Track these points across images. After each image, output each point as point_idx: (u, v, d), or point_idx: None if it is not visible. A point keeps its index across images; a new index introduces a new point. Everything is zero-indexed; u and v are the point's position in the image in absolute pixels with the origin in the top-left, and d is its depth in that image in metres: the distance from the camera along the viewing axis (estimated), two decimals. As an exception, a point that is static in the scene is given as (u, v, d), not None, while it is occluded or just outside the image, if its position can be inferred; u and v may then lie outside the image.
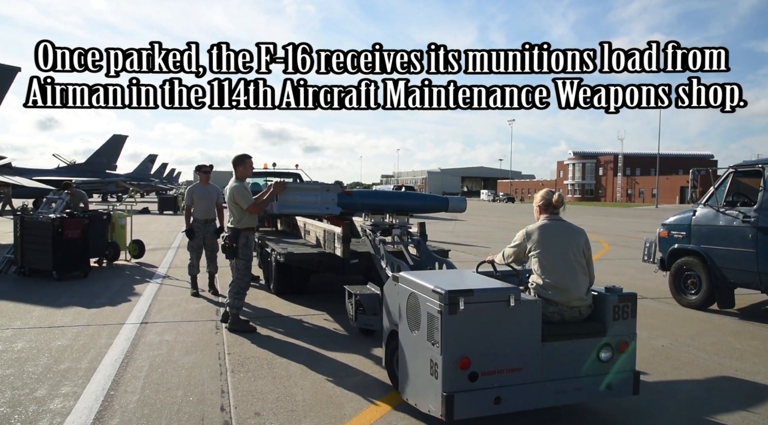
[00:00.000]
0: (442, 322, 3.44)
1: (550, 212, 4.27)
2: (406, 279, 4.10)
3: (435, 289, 3.56)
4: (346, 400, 4.35)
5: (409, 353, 3.97)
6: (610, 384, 3.87)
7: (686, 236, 8.29)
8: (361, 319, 5.64)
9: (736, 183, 8.02)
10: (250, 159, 6.58)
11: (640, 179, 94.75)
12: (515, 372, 3.59)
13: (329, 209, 6.39)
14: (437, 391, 3.48)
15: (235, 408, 4.15)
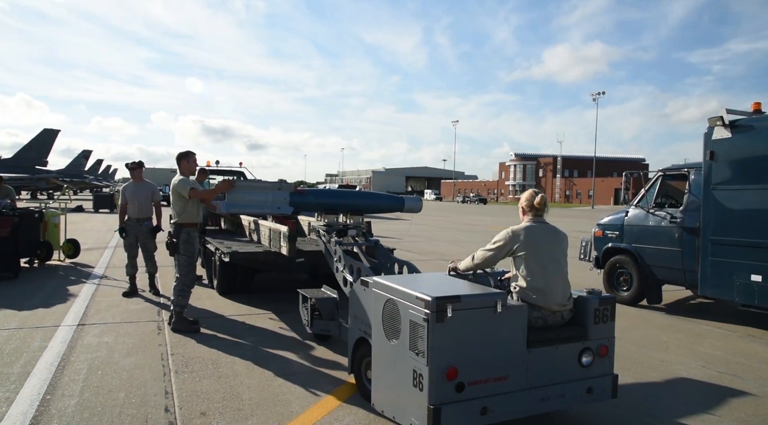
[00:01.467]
0: (429, 331, 3.24)
1: (533, 214, 4.13)
2: (381, 285, 3.87)
3: (420, 296, 3.36)
4: (293, 397, 4.37)
5: (384, 362, 3.77)
6: (591, 388, 3.82)
7: (619, 236, 8.72)
8: (318, 324, 5.52)
9: (665, 186, 8.51)
10: (193, 155, 6.50)
11: (577, 180, 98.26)
12: (501, 381, 3.46)
13: (281, 208, 6.06)
14: (422, 404, 3.28)
15: (180, 408, 4.10)
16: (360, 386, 4.36)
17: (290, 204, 6.03)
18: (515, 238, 3.95)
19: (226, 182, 6.22)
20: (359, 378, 4.36)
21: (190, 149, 6.48)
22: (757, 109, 6.97)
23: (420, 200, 6.99)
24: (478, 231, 23.43)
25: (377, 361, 3.89)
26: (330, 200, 6.37)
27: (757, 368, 5.49)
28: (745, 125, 6.70)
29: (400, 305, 3.58)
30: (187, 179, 6.34)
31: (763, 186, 6.48)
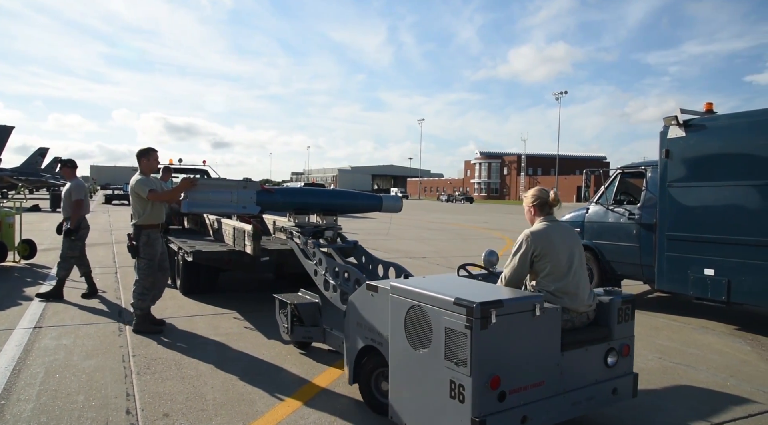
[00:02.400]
0: (472, 339, 3.01)
1: (546, 213, 3.92)
2: (403, 290, 3.57)
3: (459, 301, 3.11)
4: (258, 397, 4.34)
5: (408, 374, 3.50)
6: (616, 388, 3.79)
7: (580, 232, 8.91)
8: (299, 331, 5.22)
9: (624, 183, 8.75)
10: (155, 152, 6.29)
11: (541, 178, 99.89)
12: (538, 387, 3.31)
13: (246, 207, 5.72)
14: (464, 416, 3.07)
15: (142, 410, 4.03)
16: (368, 398, 4.09)
17: (257, 203, 5.70)
18: (537, 240, 3.72)
19: (187, 180, 5.84)
20: (367, 390, 4.10)
21: (151, 146, 6.29)
22: (709, 109, 7.22)
23: (400, 198, 6.61)
24: (444, 229, 23.62)
25: (398, 373, 3.59)
26: (301, 199, 5.96)
27: (709, 358, 5.70)
28: (698, 125, 6.94)
29: (430, 311, 3.30)
30: (146, 178, 6.12)
31: (715, 183, 6.72)
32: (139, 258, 6.10)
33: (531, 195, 3.99)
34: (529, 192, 4.04)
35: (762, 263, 6.28)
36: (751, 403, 4.49)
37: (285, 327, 5.36)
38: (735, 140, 6.60)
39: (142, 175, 6.15)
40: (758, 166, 6.33)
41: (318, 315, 5.28)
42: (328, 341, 5.15)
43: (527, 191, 4.11)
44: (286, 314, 5.30)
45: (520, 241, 3.76)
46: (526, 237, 3.74)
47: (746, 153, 6.47)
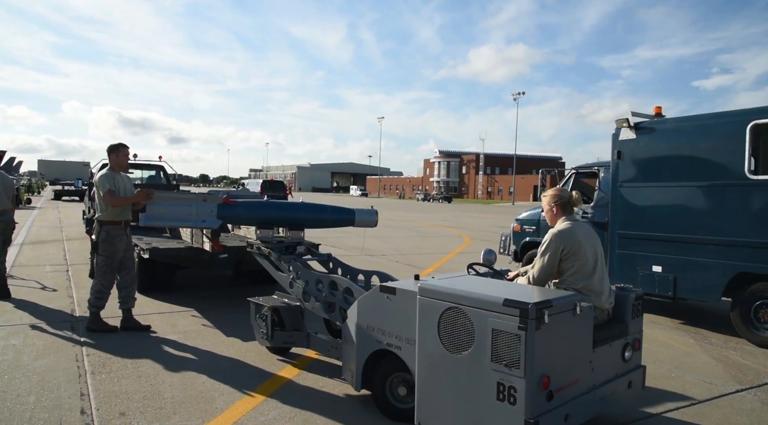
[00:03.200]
0: (526, 340, 2.97)
1: (568, 212, 3.98)
2: (434, 291, 3.45)
3: (510, 302, 3.05)
4: (218, 394, 4.32)
5: (442, 378, 3.40)
6: (631, 382, 3.89)
7: (536, 230, 9.16)
8: (280, 336, 5.03)
9: (578, 183, 9.02)
10: (125, 148, 6.12)
11: (499, 177, 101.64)
12: (575, 385, 3.34)
13: (206, 221, 5.49)
14: (515, 418, 3.03)
15: (98, 410, 3.96)
16: (382, 404, 4.00)
17: (218, 217, 5.50)
18: (565, 239, 3.75)
19: (143, 192, 5.63)
20: (381, 396, 4.00)
21: (122, 142, 6.12)
22: (659, 112, 7.52)
23: (375, 212, 5.95)
24: (403, 227, 23.78)
25: (428, 377, 3.48)
26: (265, 212, 5.65)
27: (655, 351, 5.95)
28: (648, 127, 7.22)
29: (472, 313, 3.20)
30: (111, 175, 5.93)
31: (663, 184, 7.01)
32: (97, 255, 5.96)
33: (552, 195, 4.02)
34: (549, 192, 4.06)
35: (705, 260, 6.59)
36: (693, 393, 4.73)
37: (263, 332, 5.12)
38: (681, 143, 6.90)
39: (110, 170, 6.00)
40: (702, 168, 6.63)
41: (301, 319, 5.09)
42: (312, 345, 4.98)
43: (546, 190, 4.13)
44: (265, 318, 5.08)
45: (548, 241, 3.78)
46: (555, 237, 3.77)
47: (691, 155, 6.77)
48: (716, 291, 6.54)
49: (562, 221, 3.92)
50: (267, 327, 5.05)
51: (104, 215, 5.91)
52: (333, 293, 4.74)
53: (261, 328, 5.16)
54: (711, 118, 6.71)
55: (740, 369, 5.43)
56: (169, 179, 16.10)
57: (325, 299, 4.80)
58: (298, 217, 5.73)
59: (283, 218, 5.67)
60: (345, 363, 4.33)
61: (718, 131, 6.54)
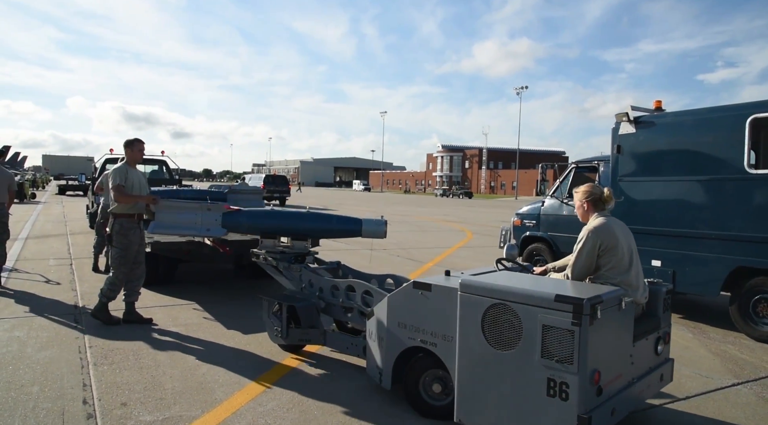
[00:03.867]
0: (581, 335, 2.97)
1: (600, 209, 3.99)
2: (480, 287, 3.40)
3: (563, 298, 3.05)
4: (217, 385, 4.38)
5: (486, 374, 3.38)
6: (662, 375, 3.95)
7: (536, 225, 9.20)
8: (295, 334, 4.92)
9: (578, 177, 9.03)
10: (140, 143, 6.19)
11: (502, 172, 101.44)
12: (619, 379, 3.38)
13: (210, 230, 5.60)
14: (567, 414, 3.03)
15: (99, 400, 4.02)
16: (416, 402, 3.95)
17: (222, 226, 5.59)
18: (602, 235, 3.77)
19: (150, 197, 5.91)
20: (414, 393, 3.95)
21: (137, 137, 6.19)
22: (659, 106, 7.52)
23: (384, 223, 5.61)
24: (404, 222, 23.82)
25: (470, 374, 3.45)
26: (268, 221, 5.62)
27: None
28: (648, 121, 7.23)
29: (521, 309, 3.19)
30: (124, 169, 5.97)
31: (662, 178, 7.02)
32: (111, 247, 6.01)
33: (584, 191, 4.03)
34: (581, 188, 4.07)
35: (705, 255, 6.61)
36: (689, 386, 4.76)
37: (277, 330, 5.00)
38: (681, 137, 6.91)
39: (124, 164, 6.08)
40: (702, 162, 6.64)
41: (317, 316, 4.99)
42: (329, 343, 4.92)
43: (579, 187, 4.13)
44: (280, 316, 4.97)
45: (585, 237, 3.80)
46: (591, 233, 3.78)
47: (691, 149, 6.78)
48: (715, 286, 6.56)
49: (596, 218, 3.93)
50: (282, 325, 4.94)
51: (117, 207, 5.95)
52: (350, 297, 4.76)
53: (275, 325, 5.03)
54: (710, 112, 6.71)
55: (737, 363, 5.46)
56: (172, 173, 16.17)
57: (342, 305, 4.83)
58: (303, 227, 5.62)
59: (287, 227, 5.59)
60: (370, 361, 4.28)
61: (717, 125, 6.55)
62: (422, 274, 9.84)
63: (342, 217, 5.69)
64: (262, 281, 8.62)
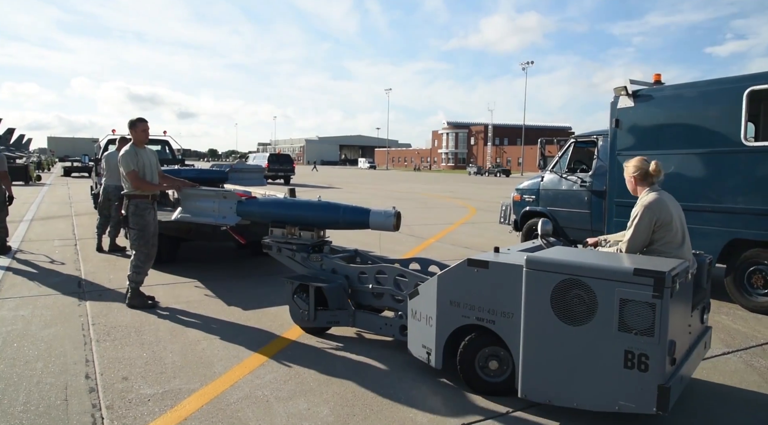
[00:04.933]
0: (662, 307, 3.03)
1: (649, 183, 4.02)
2: (549, 263, 3.41)
3: (642, 271, 3.10)
4: (216, 359, 4.49)
5: (555, 349, 3.39)
6: (706, 342, 4.06)
7: (535, 200, 9.21)
8: (323, 316, 4.88)
9: (577, 152, 9.02)
10: (142, 123, 6.07)
11: (507, 148, 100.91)
12: (683, 349, 3.48)
13: (226, 218, 5.71)
14: (647, 384, 3.11)
15: (101, 374, 4.14)
16: (472, 379, 3.92)
17: (237, 213, 5.67)
18: (656, 211, 3.83)
19: (178, 181, 6.17)
20: (470, 371, 3.91)
21: (140, 117, 6.12)
22: (658, 80, 7.47)
23: (392, 215, 5.16)
24: (409, 199, 23.85)
25: (536, 349, 3.47)
26: (277, 210, 5.58)
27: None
28: (646, 95, 7.19)
29: (595, 283, 3.21)
30: (132, 153, 5.92)
31: (660, 152, 6.98)
32: (129, 229, 6.03)
33: (633, 166, 4.06)
34: (630, 163, 4.09)
35: (701, 227, 6.60)
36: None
37: (305, 313, 4.93)
38: (679, 110, 6.88)
39: (132, 147, 6.01)
40: (699, 135, 6.62)
41: (345, 297, 4.91)
42: (359, 324, 4.88)
43: (628, 161, 4.15)
44: (304, 298, 4.92)
45: (640, 212, 3.84)
46: (646, 209, 3.83)
47: (689, 123, 6.75)
48: (711, 258, 6.59)
49: (648, 193, 3.97)
50: (309, 307, 4.88)
51: (130, 189, 5.95)
52: (380, 283, 4.79)
53: (302, 308, 4.95)
54: (708, 85, 6.67)
55: (729, 332, 5.53)
56: (174, 153, 16.21)
57: (373, 291, 4.83)
58: (307, 215, 5.45)
59: (295, 216, 5.49)
60: (415, 341, 4.26)
61: (715, 97, 6.51)
62: (423, 250, 9.92)
63: (348, 207, 5.40)
64: (263, 258, 8.72)
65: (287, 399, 3.79)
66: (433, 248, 10.20)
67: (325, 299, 4.86)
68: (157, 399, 3.76)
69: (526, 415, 3.61)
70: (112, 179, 9.09)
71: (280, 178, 36.32)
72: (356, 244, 5.97)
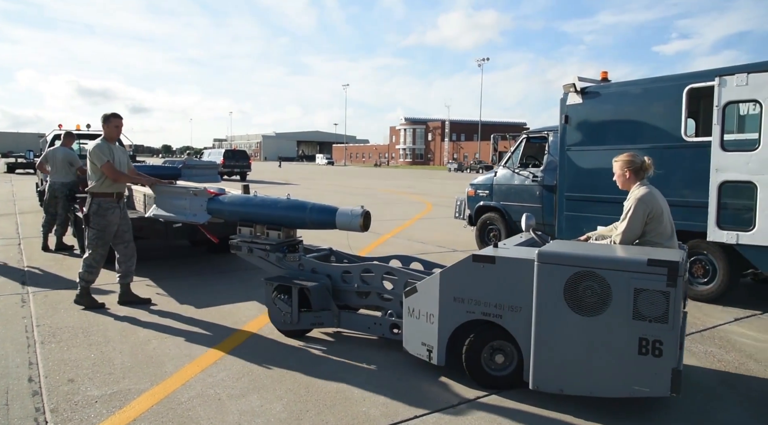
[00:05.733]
0: (675, 295, 3.20)
1: (641, 178, 4.17)
2: (561, 256, 3.52)
3: (655, 262, 3.25)
4: (168, 359, 4.41)
5: (570, 339, 3.48)
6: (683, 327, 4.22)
7: (489, 195, 9.38)
8: (307, 318, 4.73)
9: (529, 147, 9.22)
10: (116, 119, 5.81)
11: (464, 144, 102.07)
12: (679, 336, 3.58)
13: (197, 215, 5.56)
14: (662, 369, 3.26)
15: (46, 377, 4.01)
16: (478, 374, 3.95)
17: (207, 211, 5.50)
18: (649, 204, 3.99)
19: (150, 178, 6.09)
20: (476, 366, 3.94)
21: (114, 112, 5.86)
22: (605, 77, 7.71)
23: (358, 216, 4.79)
24: (367, 195, 23.88)
25: (548, 341, 3.54)
26: (245, 208, 5.34)
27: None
28: (593, 92, 7.40)
29: (609, 275, 3.34)
30: (104, 146, 5.69)
31: (607, 147, 7.22)
32: (89, 228, 5.78)
33: (626, 161, 4.18)
34: (621, 158, 4.22)
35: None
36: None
37: (287, 315, 4.76)
38: (624, 107, 7.12)
39: (104, 141, 5.77)
40: (643, 130, 6.87)
41: (329, 297, 4.77)
42: (344, 325, 4.78)
43: (618, 156, 4.28)
44: (286, 300, 4.75)
45: (634, 205, 3.99)
46: (640, 202, 3.98)
47: (633, 119, 6.99)
48: (655, 249, 6.85)
49: (639, 186, 4.12)
50: (293, 309, 4.71)
51: (95, 186, 5.71)
52: (366, 281, 4.71)
53: (284, 310, 4.77)
54: (651, 82, 6.92)
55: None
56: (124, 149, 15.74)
57: (358, 289, 4.75)
58: (277, 215, 5.18)
59: (264, 215, 5.23)
60: (412, 340, 4.22)
61: (657, 95, 6.77)
62: (380, 246, 9.97)
63: (315, 206, 5.07)
64: (217, 256, 8.61)
65: (240, 397, 3.76)
66: (390, 244, 10.27)
67: (307, 300, 4.73)
68: (105, 400, 3.68)
69: (472, 407, 3.70)
70: (58, 176, 8.79)
71: (236, 174, 35.77)
72: (323, 242, 5.94)
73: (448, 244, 10.42)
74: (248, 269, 7.92)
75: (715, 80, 5.94)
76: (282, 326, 4.91)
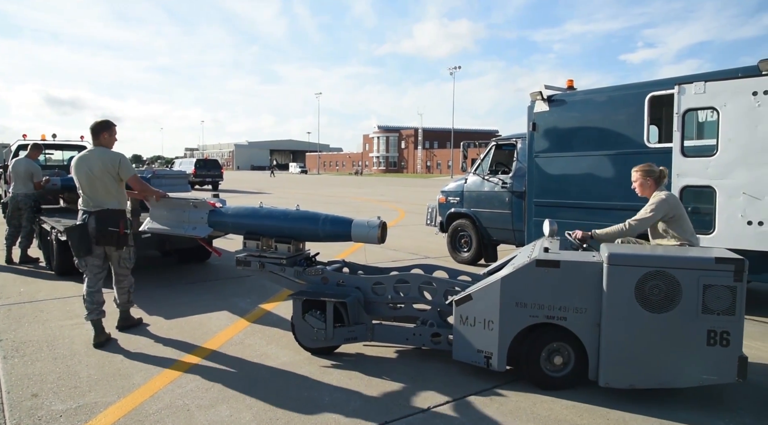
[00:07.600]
0: (741, 289, 3.56)
1: (660, 185, 4.66)
2: (632, 258, 3.78)
3: (722, 259, 3.60)
4: (136, 371, 4.35)
5: (640, 336, 3.71)
6: None
7: (460, 201, 9.47)
8: (341, 333, 4.54)
9: (498, 154, 9.35)
10: (114, 126, 5.36)
11: (437, 151, 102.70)
12: None
13: (197, 229, 5.25)
14: (729, 357, 3.60)
15: (8, 392, 3.91)
16: (538, 377, 4.04)
17: (209, 225, 5.23)
18: (671, 205, 4.44)
19: (162, 192, 5.49)
20: (536, 368, 4.03)
21: (107, 120, 5.34)
22: (570, 86, 7.88)
23: (376, 227, 4.69)
24: (340, 203, 23.86)
25: (619, 339, 3.74)
26: (252, 220, 5.09)
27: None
28: (559, 100, 7.56)
29: (680, 273, 3.64)
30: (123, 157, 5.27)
31: (573, 153, 7.39)
32: (127, 247, 5.35)
33: (646, 170, 4.67)
34: (640, 168, 4.71)
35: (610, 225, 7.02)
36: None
37: (320, 331, 4.54)
38: (589, 114, 7.28)
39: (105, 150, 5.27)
40: (608, 137, 7.03)
41: (362, 310, 4.62)
42: (378, 338, 4.64)
43: (637, 166, 4.76)
44: (319, 316, 4.53)
45: (658, 203, 4.45)
46: (663, 203, 4.45)
47: (598, 126, 7.15)
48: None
49: (660, 191, 4.59)
50: (327, 325, 4.51)
51: (122, 201, 5.29)
52: (399, 293, 4.65)
53: (315, 327, 4.55)
54: (615, 90, 7.09)
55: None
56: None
57: (391, 301, 4.67)
58: (287, 227, 4.96)
59: (272, 228, 5.01)
60: (464, 348, 4.20)
61: (621, 102, 6.94)
62: (353, 253, 9.97)
63: (329, 217, 4.90)
64: (187, 267, 8.52)
65: (209, 407, 3.73)
66: (363, 252, 10.27)
67: (340, 315, 4.57)
68: (70, 414, 3.61)
69: (443, 411, 3.73)
70: (20, 187, 8.60)
71: (207, 184, 35.41)
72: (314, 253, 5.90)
73: (420, 251, 10.48)
74: (218, 279, 7.87)
75: (675, 88, 6.13)
76: (312, 343, 4.67)
